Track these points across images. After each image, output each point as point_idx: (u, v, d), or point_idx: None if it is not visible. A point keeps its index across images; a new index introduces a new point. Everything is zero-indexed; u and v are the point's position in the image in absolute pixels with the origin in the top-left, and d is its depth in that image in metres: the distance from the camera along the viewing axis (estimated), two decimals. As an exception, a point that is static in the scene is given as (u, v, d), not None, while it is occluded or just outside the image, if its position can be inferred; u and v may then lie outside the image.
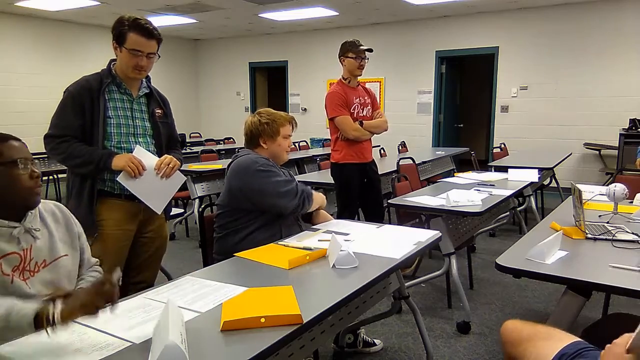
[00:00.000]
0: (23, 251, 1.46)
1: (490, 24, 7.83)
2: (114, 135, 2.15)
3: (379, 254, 1.91)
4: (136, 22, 2.11)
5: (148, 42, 2.12)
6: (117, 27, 2.12)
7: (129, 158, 2.08)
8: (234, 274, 1.73)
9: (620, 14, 6.85)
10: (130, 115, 2.21)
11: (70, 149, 2.09)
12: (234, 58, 10.66)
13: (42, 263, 1.51)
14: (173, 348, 1.05)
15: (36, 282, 1.47)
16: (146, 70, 2.18)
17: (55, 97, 2.22)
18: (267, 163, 2.25)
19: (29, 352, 1.16)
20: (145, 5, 7.30)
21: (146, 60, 2.14)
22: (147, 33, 2.12)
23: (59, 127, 2.13)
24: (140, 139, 2.22)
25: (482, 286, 3.67)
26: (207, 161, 5.75)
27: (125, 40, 2.11)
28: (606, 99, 7.06)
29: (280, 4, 7.14)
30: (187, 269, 1.90)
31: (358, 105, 3.63)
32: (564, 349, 1.27)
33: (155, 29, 2.16)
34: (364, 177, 3.70)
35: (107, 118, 2.13)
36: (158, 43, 2.17)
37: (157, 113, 2.29)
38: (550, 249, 1.85)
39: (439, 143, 8.51)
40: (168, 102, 2.40)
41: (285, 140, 2.38)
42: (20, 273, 1.44)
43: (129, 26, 2.10)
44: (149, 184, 2.12)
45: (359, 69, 3.56)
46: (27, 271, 1.46)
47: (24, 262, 1.46)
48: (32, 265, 1.48)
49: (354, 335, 2.64)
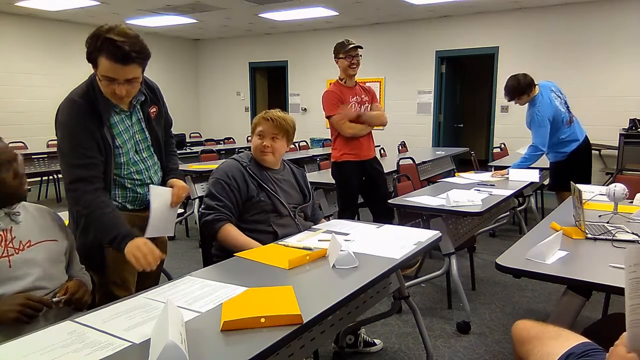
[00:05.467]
0: (3, 231, 1.54)
1: (490, 24, 7.83)
2: (124, 165, 1.94)
3: (379, 254, 1.91)
4: (109, 43, 1.67)
5: (124, 69, 1.70)
6: (88, 47, 1.73)
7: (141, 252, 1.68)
8: (234, 274, 1.73)
9: (620, 14, 6.85)
10: (131, 133, 1.96)
11: (93, 207, 1.77)
12: (234, 58, 10.66)
13: (27, 243, 1.57)
14: (173, 348, 1.05)
15: (19, 260, 1.54)
16: (129, 96, 1.83)
17: (55, 97, 2.16)
18: (230, 174, 2.22)
19: (28, 352, 1.16)
20: (145, 5, 7.30)
21: (126, 87, 1.76)
22: (120, 58, 1.68)
23: (83, 167, 1.78)
24: (144, 153, 2.01)
25: (482, 286, 3.66)
26: (207, 161, 5.76)
27: (96, 64, 1.73)
28: (606, 99, 7.06)
29: (280, 4, 7.14)
30: (187, 269, 1.90)
31: (355, 104, 3.63)
32: (571, 348, 1.27)
33: (137, 49, 1.71)
34: (362, 175, 3.69)
35: (115, 149, 1.89)
36: (142, 64, 1.77)
37: (152, 113, 2.03)
38: (550, 249, 1.85)
39: (439, 143, 8.51)
40: (157, 89, 2.08)
41: (258, 140, 2.30)
42: (3, 250, 1.51)
43: (100, 48, 1.69)
44: (164, 219, 2.02)
45: (351, 68, 3.59)
46: (11, 248, 1.54)
47: (4, 240, 1.52)
48: (15, 243, 1.55)
49: (354, 336, 2.64)
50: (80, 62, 2.18)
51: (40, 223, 1.66)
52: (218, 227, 2.15)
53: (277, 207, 2.26)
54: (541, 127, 3.92)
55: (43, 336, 1.25)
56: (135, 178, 1.97)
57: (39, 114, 8.18)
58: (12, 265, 1.50)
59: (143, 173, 2.00)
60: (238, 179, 2.22)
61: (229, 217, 2.18)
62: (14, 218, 1.57)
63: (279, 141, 2.32)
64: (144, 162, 2.01)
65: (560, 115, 3.98)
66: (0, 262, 1.49)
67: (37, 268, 1.57)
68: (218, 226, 2.15)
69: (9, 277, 1.49)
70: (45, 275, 1.58)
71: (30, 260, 1.55)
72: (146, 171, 2.02)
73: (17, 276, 1.51)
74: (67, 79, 8.44)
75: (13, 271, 1.50)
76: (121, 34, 1.69)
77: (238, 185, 2.21)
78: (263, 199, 2.24)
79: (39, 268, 1.57)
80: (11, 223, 1.56)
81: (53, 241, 1.66)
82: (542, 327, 1.43)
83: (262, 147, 2.30)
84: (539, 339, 1.38)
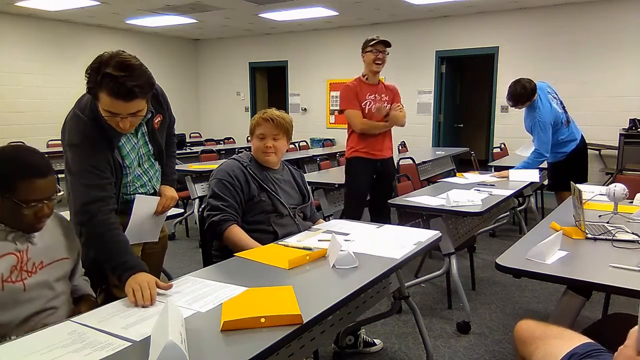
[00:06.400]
0: (19, 252, 1.46)
1: (490, 24, 7.83)
2: (130, 183, 1.93)
3: (379, 254, 1.90)
4: (110, 79, 1.54)
5: (127, 105, 1.60)
6: (88, 80, 1.61)
7: (142, 288, 1.49)
8: (234, 274, 1.73)
9: (620, 14, 6.85)
10: (137, 149, 1.92)
11: (105, 228, 1.69)
12: (234, 58, 10.66)
13: (39, 264, 1.51)
14: (172, 348, 1.05)
15: (33, 283, 1.48)
16: (133, 126, 1.72)
17: (55, 97, 2.16)
18: (233, 174, 2.20)
19: (28, 352, 1.16)
20: (145, 5, 7.30)
21: (130, 120, 1.67)
22: (123, 95, 1.57)
23: (99, 188, 1.71)
24: (145, 165, 1.99)
25: (482, 286, 3.66)
26: (207, 161, 5.76)
27: (98, 98, 1.62)
28: (606, 99, 7.05)
29: (280, 4, 7.14)
30: (187, 269, 1.90)
31: (372, 102, 3.56)
32: (574, 349, 1.26)
33: (140, 83, 1.58)
34: (373, 174, 3.60)
35: (123, 169, 1.87)
36: (146, 97, 1.67)
37: (157, 124, 1.97)
38: (550, 249, 1.85)
39: (439, 143, 8.51)
40: (161, 94, 2.00)
41: (260, 141, 2.29)
42: (18, 273, 1.45)
43: (100, 83, 1.56)
44: (147, 227, 2.03)
45: (376, 64, 3.51)
46: (25, 271, 1.47)
47: (20, 262, 1.46)
48: (29, 265, 1.48)
49: (354, 336, 2.64)
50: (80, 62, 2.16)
51: (53, 239, 1.60)
52: (225, 228, 2.13)
53: (278, 207, 2.26)
54: (544, 132, 3.91)
55: (43, 336, 1.25)
56: (141, 192, 1.98)
57: (39, 114, 8.18)
58: (27, 289, 1.46)
59: (147, 185, 2.02)
60: (241, 178, 2.22)
61: (235, 218, 2.17)
62: (29, 238, 1.50)
63: (280, 140, 2.31)
64: (146, 173, 2.01)
65: (559, 117, 3.98)
66: (16, 287, 1.43)
67: (48, 290, 1.53)
68: (225, 227, 2.13)
69: (23, 300, 1.45)
70: (55, 295, 1.55)
71: (42, 282, 1.50)
72: (149, 182, 2.03)
73: (29, 299, 1.46)
74: (67, 79, 8.53)
75: (27, 294, 1.46)
76: (123, 67, 1.57)
77: (241, 184, 2.21)
78: (264, 199, 2.24)
79: (50, 290, 1.53)
80: (27, 243, 1.49)
81: (64, 260, 1.61)
82: (545, 327, 1.42)
83: (265, 149, 2.28)
84: (541, 338, 1.38)
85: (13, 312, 1.42)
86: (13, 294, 1.43)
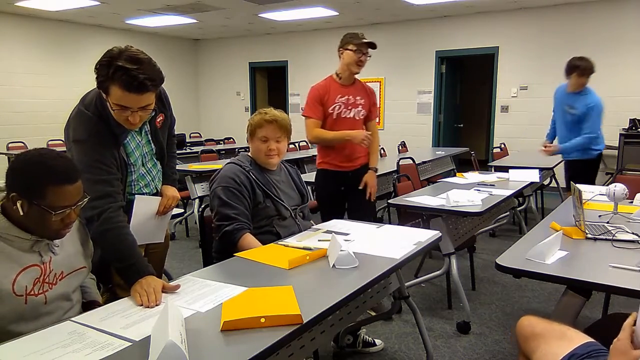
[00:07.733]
0: (43, 264, 1.45)
1: (490, 24, 7.83)
2: (134, 182, 1.94)
3: (379, 254, 1.91)
4: (123, 72, 1.56)
5: (138, 98, 1.63)
6: (98, 74, 1.61)
7: (148, 293, 1.50)
8: (234, 274, 1.73)
9: (620, 14, 6.85)
10: (140, 147, 1.94)
11: (113, 226, 1.68)
12: (234, 58, 10.66)
13: (60, 275, 1.50)
14: (172, 347, 1.05)
15: (54, 295, 1.47)
16: (142, 121, 1.75)
17: (55, 97, 2.16)
18: (239, 180, 2.17)
19: (28, 352, 1.16)
20: (145, 5, 7.30)
21: (140, 114, 1.69)
22: (135, 88, 1.59)
23: (107, 183, 1.71)
24: (149, 164, 2.00)
25: (482, 286, 3.66)
26: (207, 161, 5.76)
27: (108, 92, 1.63)
28: (606, 99, 6.97)
29: (280, 4, 7.14)
30: (187, 269, 1.90)
31: (342, 105, 3.10)
32: (575, 349, 1.27)
33: (152, 76, 1.61)
34: (341, 187, 3.19)
35: (128, 166, 1.88)
36: (156, 91, 1.69)
37: (159, 123, 1.99)
38: (550, 249, 1.85)
39: (439, 143, 8.51)
40: (164, 93, 2.01)
41: (263, 144, 2.24)
42: (40, 285, 1.43)
43: (112, 76, 1.58)
44: (150, 228, 2.03)
45: (357, 65, 3.07)
46: (47, 283, 1.46)
47: (44, 274, 1.45)
48: (51, 277, 1.47)
49: (354, 336, 2.64)
50: (80, 62, 2.16)
51: (74, 248, 1.58)
52: (239, 237, 2.10)
53: (281, 211, 2.26)
54: (599, 117, 4.03)
55: (43, 336, 1.25)
56: (145, 192, 1.99)
57: (39, 114, 8.17)
58: (47, 302, 1.44)
59: (150, 185, 2.02)
60: (247, 184, 2.19)
61: (248, 226, 2.14)
62: (52, 248, 1.48)
63: (283, 142, 2.30)
64: (149, 173, 2.02)
65: None
66: (38, 299, 1.42)
67: (66, 302, 1.52)
68: (239, 236, 2.10)
69: (43, 313, 1.43)
70: (71, 306, 1.54)
71: (62, 294, 1.50)
72: (152, 182, 2.03)
73: (49, 311, 1.45)
74: (67, 79, 8.53)
75: (47, 307, 1.45)
76: (134, 61, 1.59)
77: (248, 191, 2.19)
78: (269, 205, 2.23)
79: (68, 302, 1.53)
80: (49, 254, 1.48)
81: (82, 269, 1.60)
82: (547, 324, 1.43)
83: (269, 151, 2.25)
84: (543, 337, 1.38)
85: (31, 325, 1.39)
86: (35, 308, 1.41)
